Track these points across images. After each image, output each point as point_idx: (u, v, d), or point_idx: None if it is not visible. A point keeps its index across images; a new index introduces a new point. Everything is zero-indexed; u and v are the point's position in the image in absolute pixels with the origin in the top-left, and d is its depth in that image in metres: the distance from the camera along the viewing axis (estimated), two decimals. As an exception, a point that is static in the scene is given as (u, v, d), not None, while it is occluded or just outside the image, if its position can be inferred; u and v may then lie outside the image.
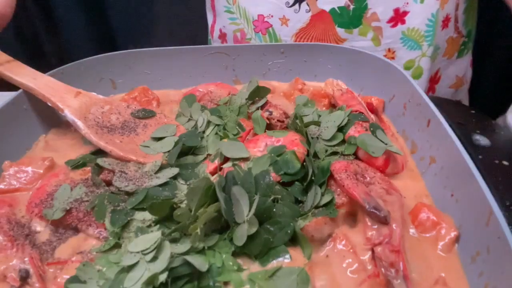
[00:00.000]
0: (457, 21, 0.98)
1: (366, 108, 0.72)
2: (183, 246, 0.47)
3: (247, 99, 0.75)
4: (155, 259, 0.45)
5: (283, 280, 0.46)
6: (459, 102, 1.02)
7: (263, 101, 0.72)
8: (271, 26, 0.96)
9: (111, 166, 0.60)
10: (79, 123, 0.66)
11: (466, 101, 1.16)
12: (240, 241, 0.48)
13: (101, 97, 0.75)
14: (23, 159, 0.67)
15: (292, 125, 0.68)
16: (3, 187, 0.61)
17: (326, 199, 0.54)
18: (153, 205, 0.51)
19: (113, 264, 0.48)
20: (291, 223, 0.50)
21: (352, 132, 0.64)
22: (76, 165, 0.62)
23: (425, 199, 0.59)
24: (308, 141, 0.63)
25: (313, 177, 0.56)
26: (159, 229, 0.50)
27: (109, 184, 0.59)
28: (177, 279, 0.44)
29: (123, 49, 0.85)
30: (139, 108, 0.75)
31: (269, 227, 0.50)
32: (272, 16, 0.95)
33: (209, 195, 0.50)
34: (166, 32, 1.71)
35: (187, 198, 0.51)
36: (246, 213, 0.49)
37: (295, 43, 0.93)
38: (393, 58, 0.95)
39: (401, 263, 0.47)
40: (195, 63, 0.86)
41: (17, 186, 0.61)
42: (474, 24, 1.05)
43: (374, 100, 0.77)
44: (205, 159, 0.64)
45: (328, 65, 0.86)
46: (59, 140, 0.73)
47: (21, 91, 0.71)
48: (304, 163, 0.58)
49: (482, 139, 0.65)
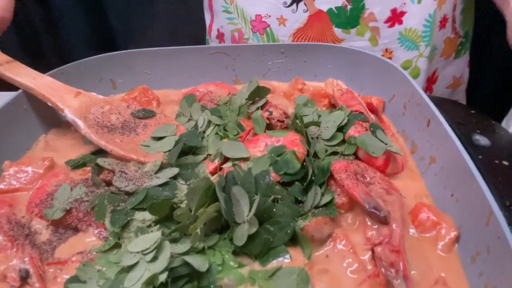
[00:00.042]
0: (454, 21, 0.98)
1: (366, 108, 0.72)
2: (183, 246, 0.47)
3: (247, 99, 0.75)
4: (155, 259, 0.45)
5: (283, 280, 0.46)
6: (459, 102, 1.02)
7: (263, 101, 0.72)
8: (268, 26, 0.96)
9: (111, 166, 0.60)
10: (80, 122, 0.66)
11: (463, 102, 1.16)
12: (240, 241, 0.48)
13: (101, 97, 0.75)
14: (23, 159, 0.67)
15: (292, 125, 0.68)
16: (3, 187, 0.61)
17: (326, 199, 0.54)
18: (153, 205, 0.51)
19: (113, 264, 0.48)
20: (291, 223, 0.50)
21: (352, 132, 0.64)
22: (76, 165, 0.62)
23: (425, 199, 0.59)
24: (308, 141, 0.63)
25: (313, 177, 0.56)
26: (159, 229, 0.50)
27: (109, 184, 0.59)
28: (177, 279, 0.44)
29: (123, 49, 0.85)
30: (139, 108, 0.75)
31: (269, 227, 0.50)
32: (269, 16, 0.94)
33: (209, 195, 0.50)
34: (166, 32, 1.71)
35: (187, 198, 0.51)
36: (246, 213, 0.49)
37: (295, 43, 0.93)
38: (390, 58, 0.95)
39: (401, 263, 0.47)
40: (195, 63, 0.86)
41: (17, 186, 0.61)
42: (471, 25, 1.06)
43: (374, 100, 0.77)
44: (205, 159, 0.64)
45: (328, 65, 0.86)
46: (59, 140, 0.73)
47: (21, 91, 0.71)
48: (304, 163, 0.58)
49: (482, 139, 0.65)
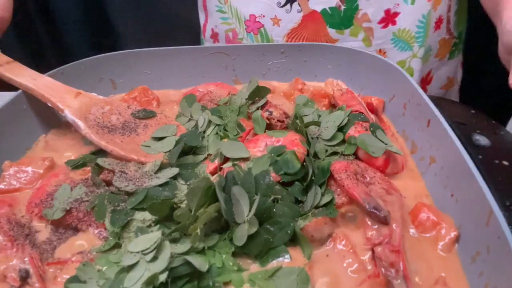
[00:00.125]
0: (449, 22, 0.99)
1: (366, 108, 0.72)
2: (183, 246, 0.47)
3: (247, 99, 0.75)
4: (155, 259, 0.45)
5: (283, 280, 0.46)
6: (459, 102, 1.02)
7: (263, 101, 0.72)
8: (262, 26, 0.95)
9: (111, 166, 0.60)
10: (80, 123, 0.66)
11: None
12: (240, 241, 0.48)
13: (101, 97, 0.75)
14: (23, 159, 0.67)
15: (292, 125, 0.68)
16: (3, 187, 0.61)
17: (326, 199, 0.54)
18: (153, 205, 0.51)
19: (113, 264, 0.48)
20: (291, 223, 0.50)
21: (352, 132, 0.64)
22: (76, 165, 0.62)
23: (425, 199, 0.59)
24: (308, 141, 0.63)
25: (313, 177, 0.56)
26: (159, 229, 0.50)
27: (109, 184, 0.59)
28: (177, 279, 0.44)
29: (123, 49, 0.85)
30: (139, 109, 0.75)
31: (269, 227, 0.50)
32: (263, 16, 0.94)
33: (209, 195, 0.50)
34: (166, 32, 1.71)
35: (187, 198, 0.51)
36: (246, 213, 0.49)
37: (295, 43, 0.93)
38: None
39: (401, 263, 0.47)
40: (195, 63, 0.86)
41: (17, 186, 0.61)
42: (465, 26, 1.06)
43: (374, 100, 0.77)
44: (205, 159, 0.64)
45: (328, 65, 0.86)
46: (59, 140, 0.73)
47: (20, 91, 0.71)
48: (304, 163, 0.58)
49: (482, 139, 0.65)
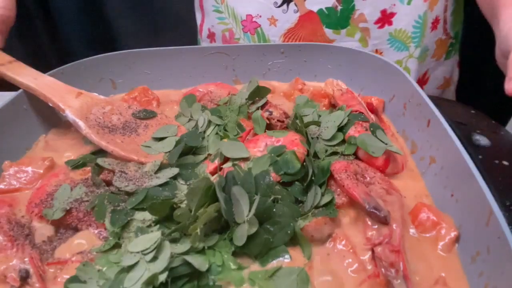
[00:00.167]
0: (445, 22, 0.99)
1: (366, 108, 0.72)
2: (183, 246, 0.47)
3: (247, 99, 0.75)
4: (155, 259, 0.45)
5: (283, 280, 0.46)
6: (459, 102, 1.02)
7: (263, 101, 0.72)
8: (259, 26, 0.95)
9: (111, 166, 0.60)
10: (80, 123, 0.66)
11: None
12: (240, 241, 0.48)
13: (102, 97, 0.75)
14: (23, 159, 0.67)
15: (292, 125, 0.68)
16: (3, 187, 0.61)
17: (326, 199, 0.54)
18: (153, 205, 0.51)
19: (113, 264, 0.48)
20: (291, 223, 0.50)
21: (352, 132, 0.64)
22: (76, 165, 0.62)
23: (425, 199, 0.59)
24: (308, 141, 0.63)
25: (313, 177, 0.56)
26: (159, 229, 0.50)
27: (109, 184, 0.59)
28: (177, 279, 0.44)
29: (123, 49, 0.85)
30: (140, 109, 0.75)
31: (269, 227, 0.50)
32: (260, 16, 0.94)
33: (209, 195, 0.50)
34: (166, 32, 1.71)
35: (187, 198, 0.51)
36: (246, 213, 0.49)
37: (295, 43, 0.93)
38: None
39: (401, 263, 0.47)
40: (195, 63, 0.86)
41: (17, 186, 0.61)
42: (461, 26, 1.06)
43: (374, 100, 0.77)
44: (205, 159, 0.64)
45: (328, 65, 0.86)
46: (59, 140, 0.73)
47: (21, 91, 0.71)
48: (304, 163, 0.58)
49: (482, 139, 0.65)
